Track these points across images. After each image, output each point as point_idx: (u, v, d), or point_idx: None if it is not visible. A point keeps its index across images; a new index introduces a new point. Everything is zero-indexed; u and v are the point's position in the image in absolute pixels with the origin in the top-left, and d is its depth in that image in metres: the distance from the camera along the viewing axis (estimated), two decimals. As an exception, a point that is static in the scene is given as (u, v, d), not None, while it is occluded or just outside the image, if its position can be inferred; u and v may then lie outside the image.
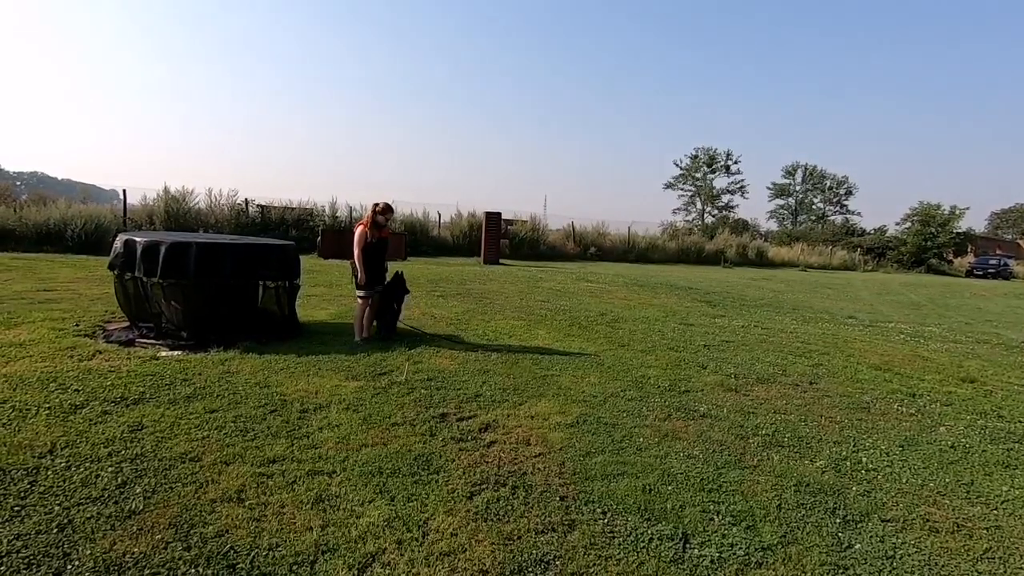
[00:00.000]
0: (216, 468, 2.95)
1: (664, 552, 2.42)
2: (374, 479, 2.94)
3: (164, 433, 3.35)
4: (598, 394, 4.70)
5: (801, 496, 3.05)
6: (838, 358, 6.76)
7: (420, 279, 12.83)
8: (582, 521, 2.64)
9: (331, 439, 3.43)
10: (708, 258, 31.08)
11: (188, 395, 4.04)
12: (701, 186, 65.13)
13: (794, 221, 65.20)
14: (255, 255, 5.94)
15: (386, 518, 2.56)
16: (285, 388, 4.35)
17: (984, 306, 16.04)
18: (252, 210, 20.20)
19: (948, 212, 38.94)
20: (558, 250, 26.14)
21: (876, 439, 4.04)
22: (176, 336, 5.52)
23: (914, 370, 6.38)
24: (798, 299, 14.17)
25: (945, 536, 2.72)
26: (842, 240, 41.74)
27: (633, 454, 3.49)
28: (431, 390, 4.53)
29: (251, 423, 3.61)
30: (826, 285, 20.09)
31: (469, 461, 3.24)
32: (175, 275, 5.38)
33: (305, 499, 2.69)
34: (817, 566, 2.39)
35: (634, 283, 14.86)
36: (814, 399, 4.96)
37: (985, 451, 3.94)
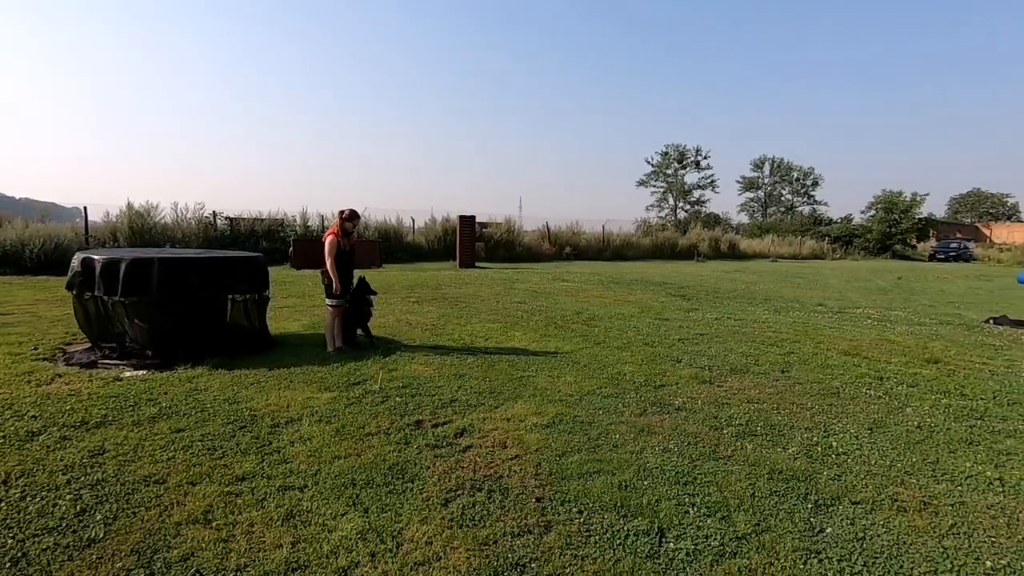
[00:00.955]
0: (182, 489, 2.86)
1: (640, 548, 2.43)
2: (347, 491, 2.89)
3: (127, 456, 3.24)
4: (574, 393, 4.71)
5: (774, 484, 3.09)
6: (808, 345, 6.89)
7: (395, 285, 12.72)
8: (558, 521, 2.63)
9: (303, 453, 3.36)
10: (682, 253, 31.49)
11: (153, 415, 3.92)
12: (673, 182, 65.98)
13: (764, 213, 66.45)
14: (221, 269, 5.81)
15: (359, 530, 2.51)
16: (255, 403, 4.26)
17: (947, 288, 16.55)
18: (221, 223, 19.78)
19: (910, 199, 40.15)
20: (534, 251, 26.18)
21: (846, 423, 4.12)
22: (141, 355, 5.36)
23: (881, 354, 6.54)
24: (769, 289, 14.43)
25: (912, 515, 2.79)
26: (811, 230, 42.70)
27: (609, 451, 3.49)
28: (406, 397, 4.48)
29: (219, 441, 3.52)
30: (796, 275, 20.51)
31: (444, 468, 3.21)
32: (137, 292, 5.23)
33: (275, 516, 2.62)
34: (790, 552, 2.42)
35: (609, 281, 14.96)
36: (786, 387, 5.05)
37: (949, 429, 4.05)
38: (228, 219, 20.00)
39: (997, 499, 2.98)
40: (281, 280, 12.83)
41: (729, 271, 21.46)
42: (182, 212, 19.10)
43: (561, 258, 26.58)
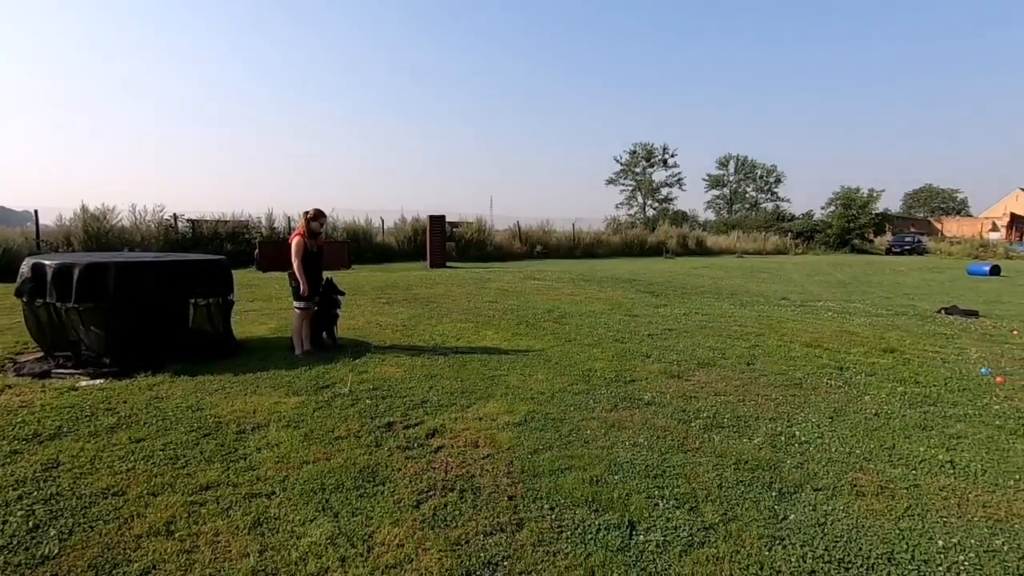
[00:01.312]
0: (142, 501, 2.77)
1: (611, 542, 2.46)
2: (316, 496, 2.84)
3: (83, 469, 3.12)
4: (546, 391, 4.73)
5: (740, 474, 3.16)
6: (772, 338, 7.08)
7: (365, 287, 12.57)
8: (530, 519, 2.64)
9: (270, 459, 3.29)
10: (651, 250, 31.98)
11: (111, 425, 3.78)
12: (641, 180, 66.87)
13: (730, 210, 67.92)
14: (182, 272, 5.64)
15: (329, 536, 2.48)
16: (220, 410, 4.15)
17: (902, 280, 17.22)
18: (182, 225, 19.22)
19: (867, 195, 41.63)
20: (505, 250, 26.21)
21: (808, 413, 4.25)
22: (98, 364, 5.16)
23: (841, 345, 6.77)
24: (735, 284, 14.77)
25: (871, 499, 2.89)
26: (774, 226, 43.88)
27: (580, 447, 3.52)
28: (376, 399, 4.43)
29: (182, 449, 3.42)
30: (761, 270, 21.05)
31: (416, 469, 3.19)
32: (93, 299, 5.04)
33: (241, 524, 2.56)
34: (755, 540, 2.48)
35: (580, 278, 15.08)
36: (751, 379, 5.18)
37: (904, 416, 4.22)
38: (190, 221, 19.46)
39: (948, 481, 3.12)
40: (247, 283, 12.53)
41: (697, 267, 21.88)
42: (141, 215, 18.50)
43: (532, 257, 26.68)
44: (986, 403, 4.55)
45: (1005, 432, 3.91)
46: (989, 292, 13.86)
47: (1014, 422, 4.10)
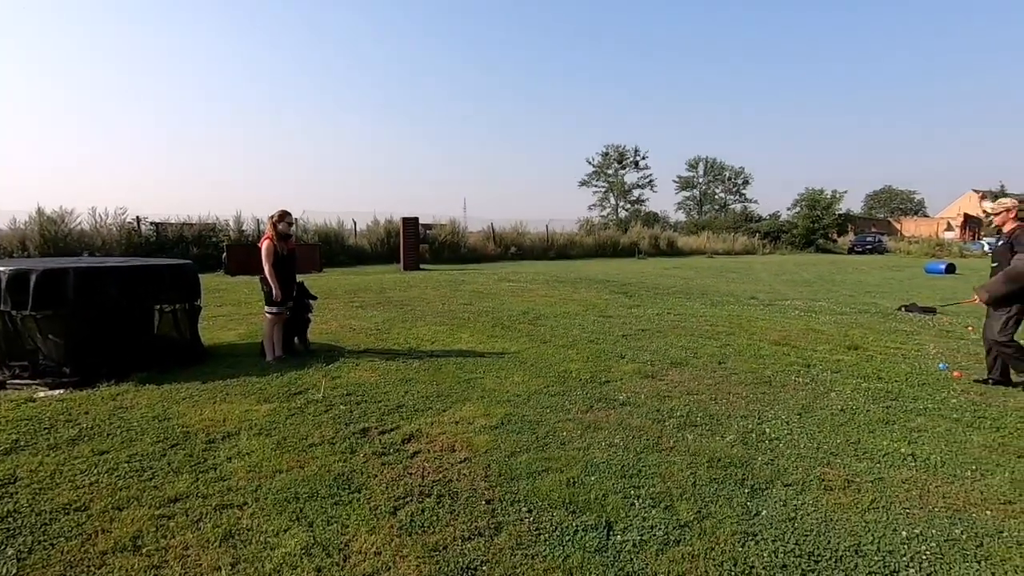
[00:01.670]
0: (107, 516, 2.67)
1: (589, 542, 2.47)
2: (290, 506, 2.79)
3: (43, 484, 3.00)
4: (522, 393, 4.74)
5: (713, 471, 3.22)
6: (742, 337, 7.24)
7: (337, 290, 12.39)
8: (508, 522, 2.64)
9: (241, 469, 3.22)
10: (623, 251, 32.33)
11: (72, 438, 3.64)
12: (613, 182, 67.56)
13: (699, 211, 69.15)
14: (146, 278, 5.47)
15: (304, 546, 2.43)
16: (188, 419, 4.04)
17: (864, 279, 17.79)
18: (145, 228, 18.63)
19: (830, 196, 42.89)
20: (479, 252, 26.17)
21: (777, 410, 4.35)
22: (57, 373, 4.97)
23: (808, 342, 6.96)
24: (706, 284, 15.04)
25: (838, 493, 2.98)
26: (743, 227, 44.84)
27: (557, 449, 3.54)
28: (351, 405, 4.38)
29: (148, 461, 3.31)
30: (731, 270, 21.49)
31: (392, 475, 3.15)
32: (51, 306, 4.85)
33: (212, 537, 2.49)
34: (729, 536, 2.53)
35: (554, 280, 15.16)
36: (723, 378, 5.28)
37: (869, 411, 4.36)
38: (154, 224, 18.88)
39: (911, 473, 3.23)
40: (215, 288, 12.23)
41: (668, 268, 22.22)
42: (101, 218, 17.87)
43: (506, 258, 26.70)
44: (944, 397, 4.74)
45: (962, 425, 4.08)
46: (945, 289, 14.43)
47: (970, 415, 4.27)
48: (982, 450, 3.61)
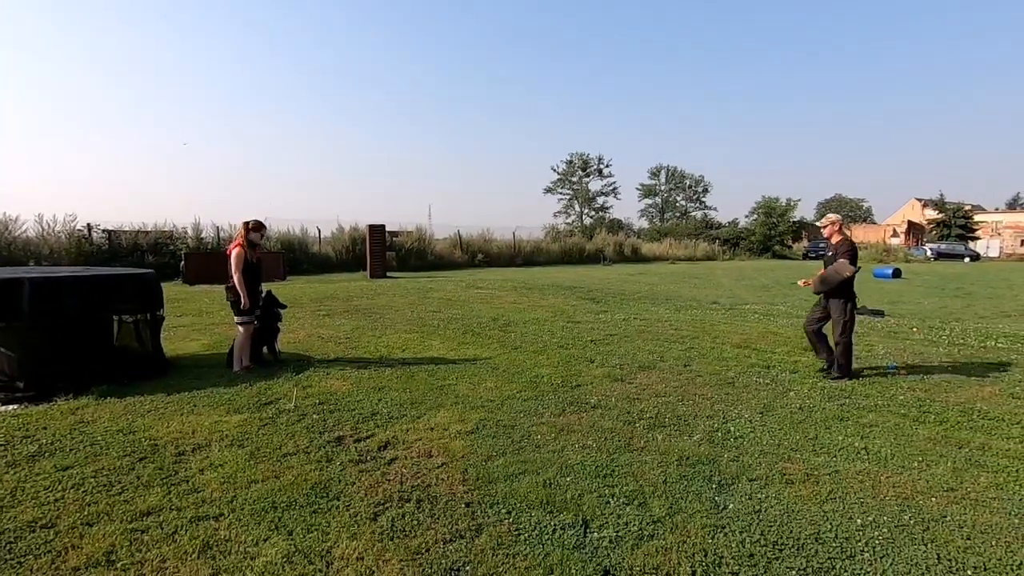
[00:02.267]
0: (76, 532, 2.61)
1: (567, 540, 2.56)
2: (268, 515, 2.78)
3: (3, 502, 2.89)
4: (495, 398, 4.80)
5: (683, 469, 3.36)
6: (706, 340, 7.49)
7: (303, 299, 12.21)
8: (488, 524, 2.70)
9: (214, 480, 3.18)
10: (589, 257, 32.80)
11: (32, 454, 3.52)
12: (578, 189, 68.55)
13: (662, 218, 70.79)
14: (106, 287, 5.31)
15: (284, 554, 2.43)
16: (155, 431, 3.95)
17: (818, 284, 18.55)
18: (97, 236, 17.90)
19: (785, 204, 44.56)
20: (446, 259, 26.14)
21: (741, 409, 4.55)
22: (10, 388, 4.76)
23: (768, 345, 7.26)
24: (670, 290, 15.43)
25: (798, 486, 3.15)
26: (703, 233, 46.13)
27: (532, 452, 3.62)
28: (324, 414, 4.35)
29: (116, 475, 3.23)
30: (693, 275, 22.09)
31: (370, 482, 3.17)
32: (4, 317, 4.65)
33: (190, 549, 2.47)
34: (699, 529, 2.66)
35: (522, 286, 15.29)
36: (688, 380, 5.47)
37: (825, 408, 4.60)
38: (106, 232, 18.15)
39: (864, 466, 3.44)
40: (174, 297, 11.85)
41: (633, 274, 22.67)
42: (49, 225, 17.09)
43: (473, 265, 26.73)
44: (893, 394, 5.03)
45: (909, 420, 4.35)
46: (892, 292, 15.21)
47: (916, 410, 4.56)
48: (927, 442, 3.87)
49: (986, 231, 50.23)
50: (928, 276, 22.52)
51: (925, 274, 23.87)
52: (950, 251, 40.99)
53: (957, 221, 47.74)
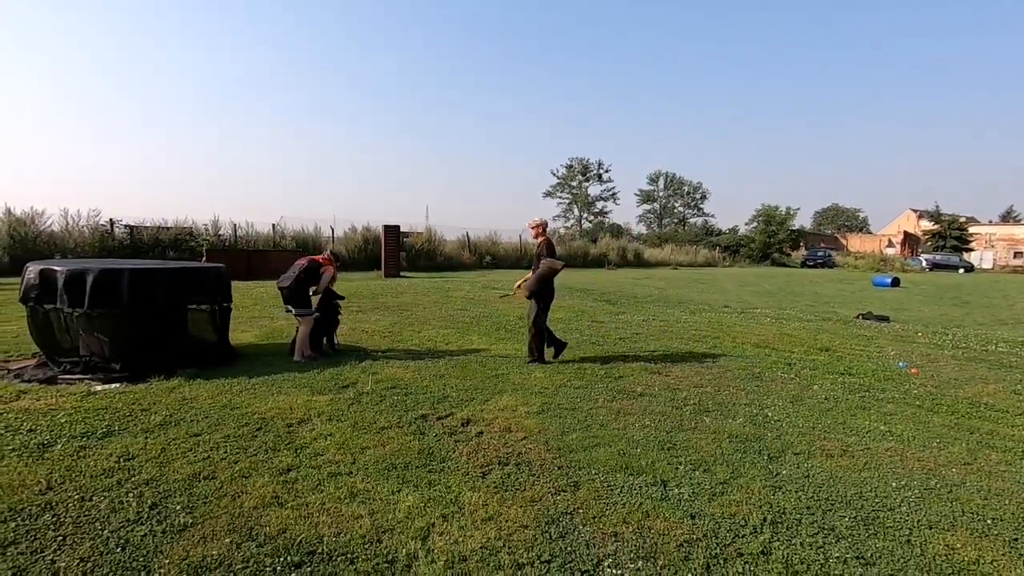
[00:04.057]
0: (236, 482, 3.08)
1: (653, 494, 3.05)
2: (392, 473, 3.26)
3: (160, 459, 3.36)
4: (549, 386, 5.29)
5: (734, 445, 3.86)
6: (727, 340, 8.01)
7: (331, 296, 12.65)
8: (583, 482, 3.19)
9: (331, 447, 3.65)
10: (592, 261, 33.34)
11: (160, 423, 3.98)
12: (577, 194, 69.23)
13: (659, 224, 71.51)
14: (190, 279, 5.78)
15: (422, 501, 2.92)
16: (255, 408, 4.41)
17: (820, 291, 19.17)
18: (119, 231, 18.30)
19: (785, 212, 45.31)
20: (455, 260, 26.60)
21: (773, 399, 5.06)
22: (106, 369, 5.22)
23: (784, 345, 7.78)
24: (679, 294, 15.98)
25: (837, 459, 3.66)
26: (704, 240, 46.79)
27: (599, 429, 4.11)
28: (400, 396, 4.83)
29: (243, 441, 3.70)
30: (697, 281, 22.66)
31: (467, 450, 3.66)
32: (106, 305, 5.11)
33: (340, 495, 2.95)
34: (761, 489, 3.16)
35: (537, 288, 15.75)
36: (720, 374, 5.98)
37: (848, 400, 5.12)
38: (128, 227, 18.55)
39: (890, 445, 3.96)
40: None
41: (639, 278, 23.21)
42: (73, 219, 17.48)
43: (482, 267, 27.20)
44: (907, 389, 5.56)
45: (924, 410, 4.87)
46: (893, 301, 15.81)
47: (929, 402, 5.09)
48: (942, 428, 4.39)
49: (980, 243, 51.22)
50: (925, 286, 23.17)
51: (922, 284, 24.53)
52: (945, 262, 41.80)
53: (952, 232, 48.66)
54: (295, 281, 6.24)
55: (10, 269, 15.50)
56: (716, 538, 2.63)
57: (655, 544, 2.56)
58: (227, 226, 20.56)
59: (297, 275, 6.24)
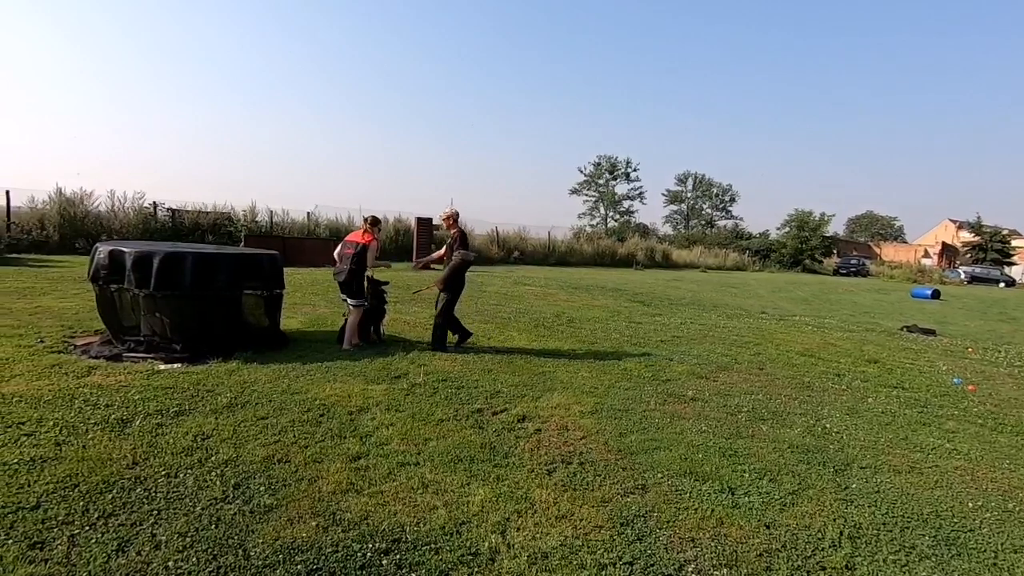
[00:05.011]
0: (310, 467, 3.15)
1: (723, 501, 3.04)
2: (459, 466, 3.30)
3: (233, 440, 3.46)
4: (598, 386, 5.29)
5: (797, 455, 3.82)
6: (770, 347, 7.89)
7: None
8: (650, 485, 3.19)
9: (394, 436, 3.71)
10: (620, 261, 33.10)
11: (227, 405, 4.09)
12: (604, 192, 68.69)
13: (686, 225, 70.55)
14: (246, 265, 5.90)
15: (493, 495, 2.95)
16: (315, 394, 4.50)
17: (857, 300, 18.75)
18: (162, 214, 18.78)
19: (819, 218, 44.32)
20: (483, 254, 26.63)
21: (828, 410, 4.98)
22: (168, 349, 5.37)
23: (830, 355, 7.64)
24: (712, 298, 15.78)
25: (905, 475, 3.59)
26: (733, 243, 46.05)
27: (656, 432, 4.10)
28: (453, 389, 4.88)
29: (309, 427, 3.78)
30: (729, 285, 22.34)
31: (529, 446, 3.68)
32: (170, 286, 5.26)
33: (413, 486, 3.00)
34: (833, 501, 3.12)
35: (568, 286, 15.74)
36: (769, 381, 5.90)
37: (906, 414, 5.01)
38: (170, 210, 19.03)
39: (959, 463, 3.87)
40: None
41: (669, 280, 22.98)
42: (119, 201, 17.98)
43: (509, 262, 27.20)
44: (966, 407, 5.42)
45: (987, 429, 4.75)
46: (935, 313, 15.38)
47: (992, 421, 4.95)
48: (1009, 448, 4.27)
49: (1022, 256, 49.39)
50: (967, 299, 22.49)
51: (963, 297, 23.81)
52: (985, 275, 40.47)
53: (994, 245, 47.05)
54: (349, 273, 6.32)
55: (59, 248, 16.04)
56: (796, 549, 2.61)
57: (735, 552, 2.55)
58: (263, 213, 20.95)
59: (350, 267, 6.31)
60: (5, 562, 2.12)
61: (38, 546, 2.25)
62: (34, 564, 2.14)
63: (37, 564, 2.14)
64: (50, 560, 2.17)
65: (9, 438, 3.24)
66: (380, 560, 2.31)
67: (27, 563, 2.14)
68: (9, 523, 2.39)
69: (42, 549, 2.24)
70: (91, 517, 2.48)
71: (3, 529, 2.34)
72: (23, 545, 2.24)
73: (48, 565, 2.14)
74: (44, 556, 2.19)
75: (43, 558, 2.18)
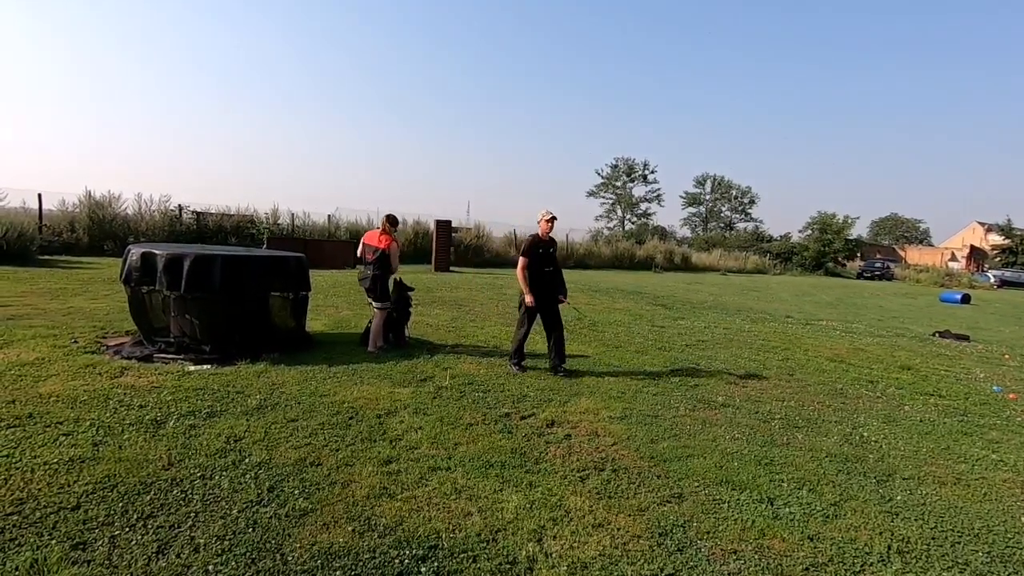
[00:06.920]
0: (342, 471, 3.14)
1: (763, 511, 2.95)
2: (491, 471, 3.26)
3: (265, 442, 3.46)
4: (625, 391, 5.21)
5: (836, 465, 3.71)
6: (798, 352, 7.73)
7: (388, 288, 12.85)
8: (687, 494, 3.12)
9: (424, 440, 3.69)
10: (639, 263, 32.84)
11: (257, 406, 4.11)
12: (621, 194, 68.34)
13: (705, 228, 69.82)
14: (274, 267, 5.95)
15: (527, 502, 2.90)
16: (344, 396, 4.50)
17: (884, 304, 18.32)
18: (187, 216, 19.11)
19: (842, 221, 43.50)
20: (502, 257, 26.65)
21: (864, 418, 4.84)
22: (197, 350, 5.43)
23: (861, 361, 7.45)
24: (735, 301, 15.54)
25: (951, 487, 3.46)
26: (754, 246, 45.43)
27: (688, 439, 4.02)
28: (479, 393, 4.84)
29: (339, 430, 3.77)
30: (751, 288, 22.01)
31: (559, 452, 3.63)
32: (201, 288, 5.31)
33: (446, 491, 2.97)
34: (878, 514, 3.01)
35: (588, 289, 15.64)
36: (800, 388, 5.76)
37: (945, 423, 4.85)
38: (195, 213, 19.35)
39: (1007, 475, 3.72)
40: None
41: (689, 283, 22.73)
42: (146, 204, 18.34)
43: (527, 265, 27.14)
44: (1008, 416, 5.23)
45: (1033, 439, 4.57)
46: (967, 319, 14.96)
47: (1037, 431, 4.77)
48: (1058, 461, 4.10)
49: (1055, 261, 47.85)
50: (998, 304, 21.85)
51: (994, 302, 23.15)
52: (1015, 279, 39.31)
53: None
54: (373, 279, 6.32)
55: (88, 249, 16.41)
56: (843, 564, 2.52)
57: (780, 565, 2.47)
58: (285, 215, 21.20)
59: (374, 273, 6.31)
60: (49, 562, 2.14)
61: (80, 547, 2.27)
62: (77, 565, 2.15)
63: (80, 565, 2.15)
64: (92, 561, 2.18)
65: (48, 438, 3.28)
66: (418, 567, 2.28)
67: (70, 564, 2.15)
68: (51, 523, 2.41)
69: (84, 550, 2.25)
70: (130, 518, 2.49)
71: (46, 529, 2.36)
72: (66, 546, 2.26)
73: (91, 567, 2.15)
74: (87, 557, 2.20)
75: (85, 559, 2.19)
